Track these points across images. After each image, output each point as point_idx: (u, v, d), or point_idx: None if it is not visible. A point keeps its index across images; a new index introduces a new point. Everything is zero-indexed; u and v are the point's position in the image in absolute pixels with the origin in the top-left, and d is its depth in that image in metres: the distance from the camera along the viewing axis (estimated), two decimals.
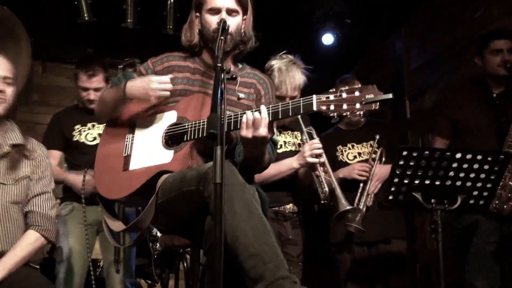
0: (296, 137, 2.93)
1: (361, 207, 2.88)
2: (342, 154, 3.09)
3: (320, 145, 2.69)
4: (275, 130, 1.84)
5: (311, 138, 2.79)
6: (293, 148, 2.90)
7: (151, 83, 1.92)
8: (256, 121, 1.70)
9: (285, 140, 2.93)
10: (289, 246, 2.80)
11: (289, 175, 2.76)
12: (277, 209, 2.80)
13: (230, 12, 2.00)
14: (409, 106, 4.26)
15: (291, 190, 2.86)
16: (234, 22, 2.00)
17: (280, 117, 1.71)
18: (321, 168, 2.76)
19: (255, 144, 1.76)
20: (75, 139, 3.05)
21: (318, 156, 2.67)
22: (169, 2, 4.19)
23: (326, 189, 2.74)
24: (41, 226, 2.14)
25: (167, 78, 1.95)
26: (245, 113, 1.74)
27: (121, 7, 4.14)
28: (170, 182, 1.79)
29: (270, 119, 1.72)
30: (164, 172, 1.87)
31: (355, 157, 3.06)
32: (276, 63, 2.78)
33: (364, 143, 3.08)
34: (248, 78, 2.13)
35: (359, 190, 2.95)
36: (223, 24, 1.82)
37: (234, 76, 1.65)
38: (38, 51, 4.22)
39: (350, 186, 2.95)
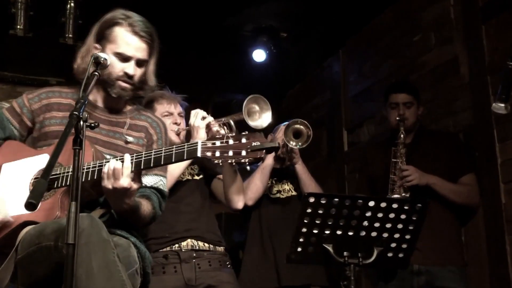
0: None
1: None
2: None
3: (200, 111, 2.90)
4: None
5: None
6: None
7: None
8: (116, 171, 1.89)
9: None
10: None
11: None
12: (167, 249, 2.86)
13: (140, 62, 2.20)
14: (346, 138, 4.59)
15: (191, 223, 2.94)
16: (139, 72, 2.21)
17: (153, 165, 1.91)
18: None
19: (117, 196, 1.95)
20: None
21: (203, 118, 2.84)
22: (68, 6, 4.28)
23: None
24: None
25: None
26: (108, 161, 1.93)
27: (9, 10, 4.19)
28: (30, 235, 1.91)
29: (142, 167, 1.91)
30: (28, 223, 1.99)
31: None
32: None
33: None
34: (139, 120, 2.32)
35: None
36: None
37: (93, 124, 1.81)
38: None
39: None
